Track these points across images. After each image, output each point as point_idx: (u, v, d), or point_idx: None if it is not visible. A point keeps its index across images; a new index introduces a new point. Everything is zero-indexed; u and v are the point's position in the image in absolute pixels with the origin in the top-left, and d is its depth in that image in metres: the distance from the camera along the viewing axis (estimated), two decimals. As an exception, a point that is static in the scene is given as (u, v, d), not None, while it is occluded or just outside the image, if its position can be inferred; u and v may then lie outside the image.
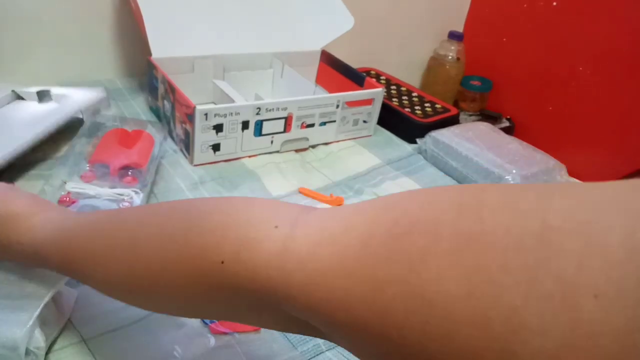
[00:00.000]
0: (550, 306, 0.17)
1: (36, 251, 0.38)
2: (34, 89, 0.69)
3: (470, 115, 1.15)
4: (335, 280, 0.23)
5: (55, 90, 0.70)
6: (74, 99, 0.71)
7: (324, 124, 0.79)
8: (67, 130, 0.70)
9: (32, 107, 0.68)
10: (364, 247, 0.23)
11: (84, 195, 0.56)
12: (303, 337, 0.47)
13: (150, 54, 0.76)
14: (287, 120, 0.75)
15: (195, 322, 0.47)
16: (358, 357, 0.25)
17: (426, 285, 0.20)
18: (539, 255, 0.18)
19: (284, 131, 0.75)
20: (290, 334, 0.47)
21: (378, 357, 0.23)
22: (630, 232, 0.17)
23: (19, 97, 0.70)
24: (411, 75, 1.22)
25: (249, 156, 0.75)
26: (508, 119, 1.15)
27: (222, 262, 0.28)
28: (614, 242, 0.17)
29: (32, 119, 0.65)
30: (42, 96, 0.69)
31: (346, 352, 0.47)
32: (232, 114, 0.69)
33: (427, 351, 0.20)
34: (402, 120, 0.90)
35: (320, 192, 0.70)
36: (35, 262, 0.40)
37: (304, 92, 0.82)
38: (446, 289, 0.19)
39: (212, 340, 0.46)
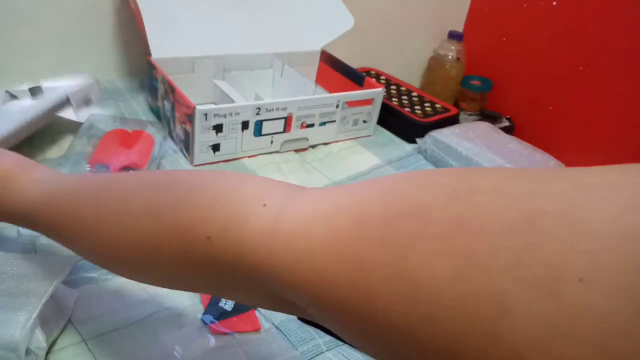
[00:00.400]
0: (537, 290, 0.17)
1: (22, 213, 0.38)
2: (26, 86, 0.69)
3: (470, 115, 1.15)
4: (322, 261, 0.23)
5: (46, 84, 0.70)
6: (61, 84, 0.70)
7: (324, 124, 0.79)
8: (67, 130, 0.70)
9: (24, 103, 0.68)
10: (355, 229, 0.23)
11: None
12: (303, 337, 0.47)
13: (150, 54, 0.76)
14: (287, 120, 0.75)
15: (195, 322, 0.47)
16: (344, 338, 0.25)
17: (414, 268, 0.20)
18: (527, 240, 0.18)
19: (284, 131, 0.75)
20: (291, 334, 0.47)
21: (363, 339, 0.23)
22: (617, 217, 0.17)
23: (13, 97, 0.70)
24: (411, 75, 1.22)
25: (249, 156, 0.75)
26: (508, 119, 1.15)
27: (209, 238, 0.28)
28: (601, 228, 0.17)
29: (22, 110, 0.65)
30: (34, 92, 0.69)
31: (346, 352, 0.47)
32: (232, 114, 0.69)
33: (412, 334, 0.20)
34: (402, 120, 0.90)
35: (320, 192, 0.70)
36: (22, 224, 0.39)
37: (304, 92, 0.82)
38: (434, 273, 0.19)
39: (212, 340, 0.46)
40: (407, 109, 0.93)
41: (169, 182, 0.33)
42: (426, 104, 0.96)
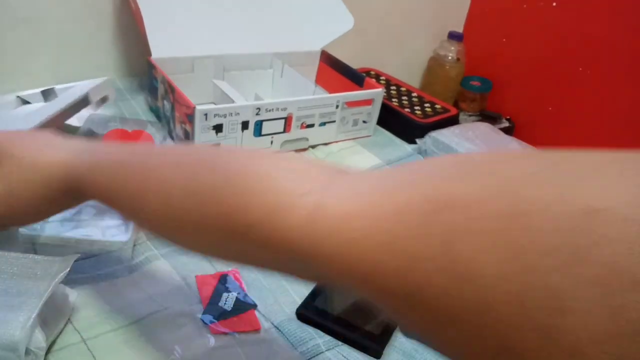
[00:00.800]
0: (593, 291, 0.16)
1: (66, 175, 0.39)
2: (38, 90, 0.69)
3: (470, 115, 1.15)
4: (365, 252, 0.23)
5: (59, 87, 0.70)
6: (79, 84, 0.70)
7: (323, 124, 0.79)
8: (67, 130, 0.70)
9: (38, 105, 0.68)
10: (396, 222, 0.22)
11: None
12: (303, 337, 0.47)
13: (150, 54, 0.76)
14: (287, 121, 0.75)
15: (195, 322, 0.47)
16: (390, 316, 0.25)
17: (460, 263, 0.20)
18: (583, 239, 0.17)
19: (284, 131, 0.75)
20: (290, 334, 0.47)
21: (409, 321, 0.23)
22: None
23: (25, 102, 0.70)
24: (411, 76, 1.22)
25: (249, 156, 0.75)
26: (508, 119, 1.15)
27: (251, 225, 0.28)
28: None
29: (41, 109, 0.64)
30: (47, 95, 0.69)
31: (346, 352, 0.47)
32: (232, 114, 0.69)
33: (461, 321, 0.20)
34: (402, 121, 0.90)
35: (320, 192, 0.70)
36: (63, 190, 0.40)
37: (304, 92, 0.82)
38: (480, 269, 0.19)
39: (212, 340, 0.46)
40: (407, 110, 0.93)
41: (203, 164, 0.33)
42: (426, 105, 0.96)
